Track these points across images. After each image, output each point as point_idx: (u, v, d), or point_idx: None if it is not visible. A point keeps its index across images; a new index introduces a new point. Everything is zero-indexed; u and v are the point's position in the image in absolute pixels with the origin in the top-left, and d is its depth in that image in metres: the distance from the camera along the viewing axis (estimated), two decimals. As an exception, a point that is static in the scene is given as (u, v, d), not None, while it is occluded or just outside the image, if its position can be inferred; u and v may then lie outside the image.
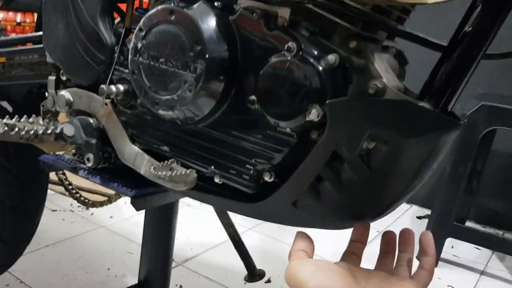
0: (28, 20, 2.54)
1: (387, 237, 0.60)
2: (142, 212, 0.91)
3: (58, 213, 1.93)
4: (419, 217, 2.32)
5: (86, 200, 1.35)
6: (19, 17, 2.50)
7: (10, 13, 2.46)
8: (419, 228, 2.15)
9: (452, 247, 1.98)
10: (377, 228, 2.06)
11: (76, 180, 1.43)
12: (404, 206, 2.40)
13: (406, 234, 0.59)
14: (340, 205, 0.58)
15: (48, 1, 0.78)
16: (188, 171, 0.62)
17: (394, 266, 0.57)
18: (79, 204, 1.95)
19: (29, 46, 0.96)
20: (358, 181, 0.54)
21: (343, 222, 0.61)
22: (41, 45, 0.86)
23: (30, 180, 1.17)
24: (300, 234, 0.56)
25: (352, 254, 0.57)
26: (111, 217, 1.92)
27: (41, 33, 0.91)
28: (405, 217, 2.31)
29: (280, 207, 0.62)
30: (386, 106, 0.51)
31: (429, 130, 0.50)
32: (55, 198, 2.00)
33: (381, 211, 0.59)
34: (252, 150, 0.61)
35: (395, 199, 0.57)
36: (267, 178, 0.61)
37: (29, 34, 0.99)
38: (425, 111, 0.50)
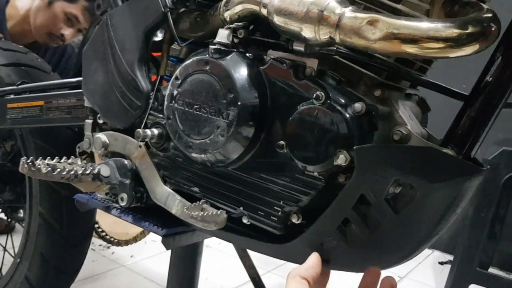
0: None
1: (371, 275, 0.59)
2: (163, 252, 0.93)
3: (80, 252, 1.95)
4: (441, 263, 2.28)
5: (112, 239, 1.38)
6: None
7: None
8: (441, 274, 2.10)
9: (476, 294, 1.93)
10: (398, 273, 2.03)
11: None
12: (425, 251, 2.35)
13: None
14: (366, 248, 0.59)
15: (88, 50, 0.84)
16: (219, 212, 0.65)
17: None
18: (101, 243, 1.98)
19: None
20: (384, 224, 0.56)
21: (369, 265, 0.62)
22: (78, 90, 0.91)
23: (76, 244, 1.23)
24: (315, 257, 0.56)
25: None
26: (131, 256, 1.93)
27: (77, 79, 0.96)
28: (427, 262, 2.27)
29: (307, 248, 0.63)
30: (411, 152, 0.54)
31: (453, 176, 0.52)
32: (77, 237, 2.02)
33: (406, 255, 0.60)
34: (280, 193, 0.64)
35: (421, 243, 0.59)
36: (294, 220, 0.63)
37: (66, 80, 1.05)
38: (449, 158, 0.52)
